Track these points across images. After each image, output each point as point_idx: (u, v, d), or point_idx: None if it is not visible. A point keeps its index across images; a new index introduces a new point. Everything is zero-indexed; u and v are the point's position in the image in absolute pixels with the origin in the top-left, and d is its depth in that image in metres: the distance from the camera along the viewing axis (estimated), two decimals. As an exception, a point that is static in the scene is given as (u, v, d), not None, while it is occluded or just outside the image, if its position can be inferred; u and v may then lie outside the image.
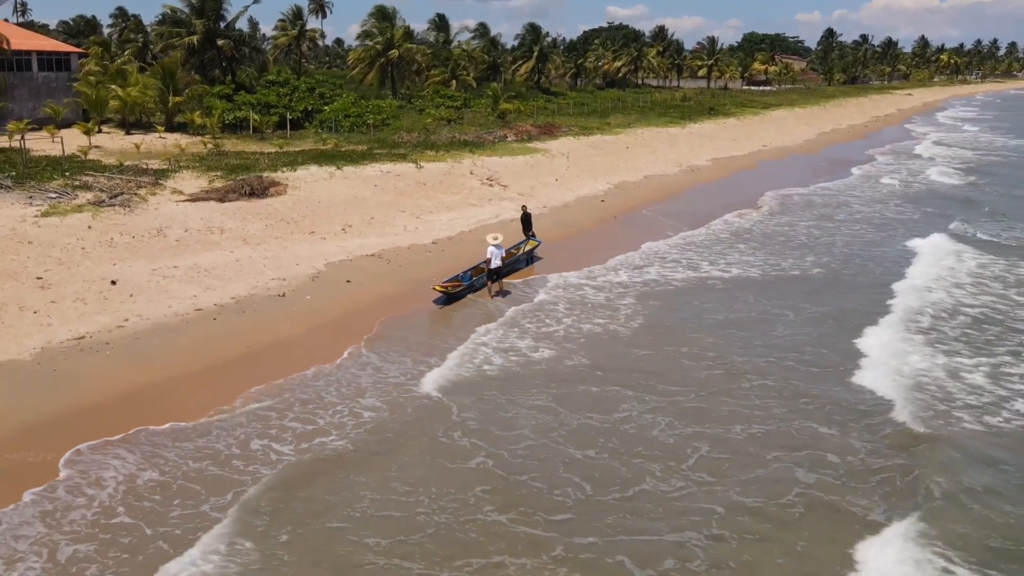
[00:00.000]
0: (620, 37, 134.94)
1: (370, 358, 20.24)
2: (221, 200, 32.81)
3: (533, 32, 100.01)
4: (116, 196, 31.27)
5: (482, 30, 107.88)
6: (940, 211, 40.90)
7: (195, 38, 61.13)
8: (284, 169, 38.71)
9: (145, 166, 37.44)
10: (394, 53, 77.29)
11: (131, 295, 22.99)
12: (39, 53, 56.38)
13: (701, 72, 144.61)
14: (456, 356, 20.50)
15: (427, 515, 13.52)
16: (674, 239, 33.74)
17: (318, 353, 20.29)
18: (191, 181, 35.61)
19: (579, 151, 53.36)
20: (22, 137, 41.72)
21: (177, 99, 53.77)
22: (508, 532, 13.14)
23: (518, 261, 29.28)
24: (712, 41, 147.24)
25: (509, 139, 54.60)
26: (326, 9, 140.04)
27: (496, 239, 26.20)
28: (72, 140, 45.96)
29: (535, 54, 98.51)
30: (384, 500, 14.01)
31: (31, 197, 30.62)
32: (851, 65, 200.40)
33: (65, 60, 58.21)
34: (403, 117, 62.49)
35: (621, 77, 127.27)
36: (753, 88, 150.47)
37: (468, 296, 25.80)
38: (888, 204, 43.57)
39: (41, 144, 43.28)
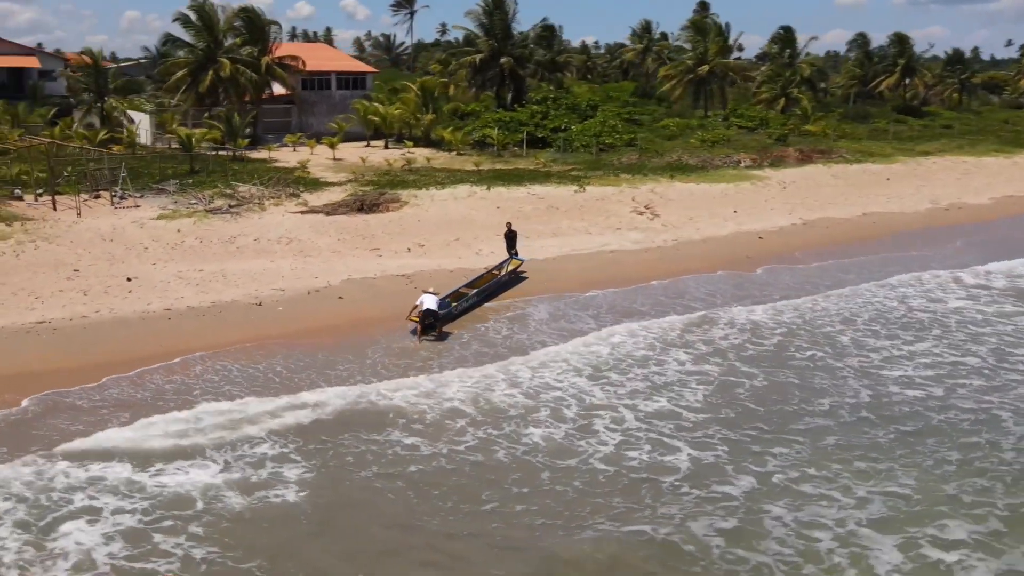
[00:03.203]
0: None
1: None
2: (329, 214, 36.88)
3: (899, 44, 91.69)
4: (237, 205, 36.77)
5: (860, 41, 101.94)
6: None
7: (478, 56, 66.70)
8: (433, 187, 41.95)
9: (289, 178, 43.01)
10: (703, 69, 76.50)
11: (130, 292, 27.64)
12: (338, 73, 65.80)
13: None
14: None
15: None
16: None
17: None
18: (334, 195, 40.27)
19: (810, 180, 49.49)
20: (219, 146, 49.91)
21: (429, 116, 59.47)
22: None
23: (499, 282, 29.23)
24: None
25: (742, 164, 52.24)
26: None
27: (431, 292, 25.63)
28: (327, 153, 53.61)
29: (899, 68, 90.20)
30: None
31: (176, 201, 37.30)
32: None
33: (361, 79, 67.16)
34: (685, 136, 62.01)
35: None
36: None
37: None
38: None
39: (299, 155, 51.28)
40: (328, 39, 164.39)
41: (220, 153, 50.65)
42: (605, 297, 29.25)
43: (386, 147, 59.06)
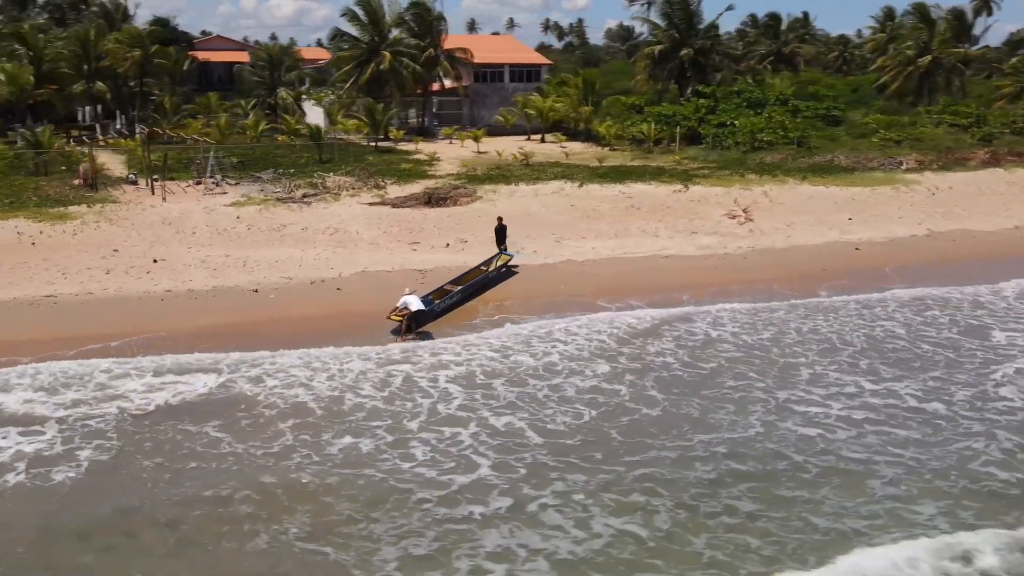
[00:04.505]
0: None
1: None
2: (395, 206, 37.69)
3: None
4: (312, 195, 38.45)
5: None
6: None
7: (657, 48, 64.85)
8: (524, 183, 41.61)
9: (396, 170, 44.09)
10: (925, 60, 69.60)
11: (148, 272, 29.89)
12: (511, 65, 66.57)
13: None
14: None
15: None
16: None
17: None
18: (422, 187, 41.02)
19: (972, 187, 44.03)
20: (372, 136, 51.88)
21: (585, 109, 58.69)
22: None
23: (486, 279, 28.61)
24: None
25: (903, 167, 47.14)
26: (992, 5, 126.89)
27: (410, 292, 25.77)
28: (474, 146, 54.63)
29: None
30: None
31: (262, 190, 39.63)
32: None
33: (535, 71, 67.48)
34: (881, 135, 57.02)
35: None
36: None
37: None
38: None
39: (451, 148, 53.25)
40: (579, 30, 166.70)
41: (370, 143, 53.16)
42: (614, 308, 27.64)
43: (542, 141, 59.01)
